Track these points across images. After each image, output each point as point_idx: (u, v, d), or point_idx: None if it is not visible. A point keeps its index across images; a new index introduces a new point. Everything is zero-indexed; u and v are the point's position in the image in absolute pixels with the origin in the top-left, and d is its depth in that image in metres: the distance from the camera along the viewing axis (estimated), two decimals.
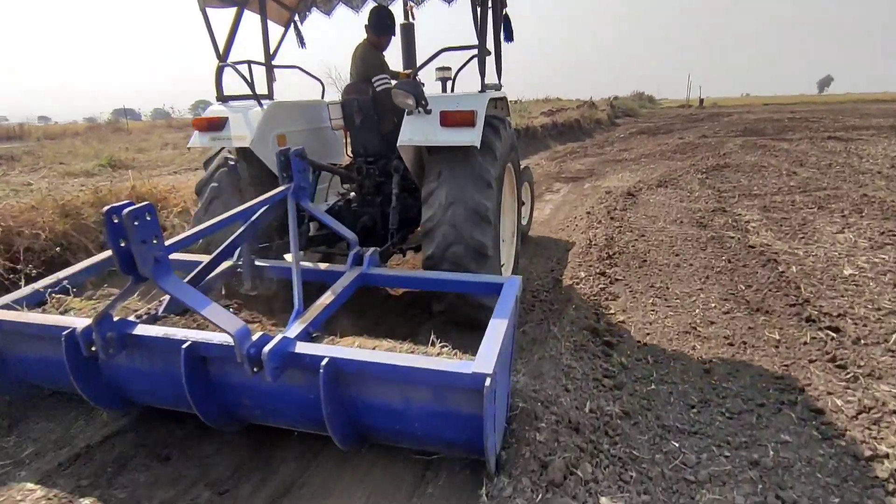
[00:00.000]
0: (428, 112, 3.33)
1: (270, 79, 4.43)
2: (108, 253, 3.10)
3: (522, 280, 2.81)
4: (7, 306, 2.71)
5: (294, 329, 2.37)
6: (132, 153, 13.73)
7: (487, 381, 1.92)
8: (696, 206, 7.97)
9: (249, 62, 4.07)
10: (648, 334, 3.89)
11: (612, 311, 4.28)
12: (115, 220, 1.93)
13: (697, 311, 4.25)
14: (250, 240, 3.06)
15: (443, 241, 3.28)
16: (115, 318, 2.37)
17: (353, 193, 4.25)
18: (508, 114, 4.57)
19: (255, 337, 2.15)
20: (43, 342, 2.53)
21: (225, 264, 3.18)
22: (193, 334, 2.30)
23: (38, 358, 2.64)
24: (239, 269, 3.17)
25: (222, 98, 3.93)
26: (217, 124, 3.70)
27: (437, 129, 3.29)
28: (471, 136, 3.21)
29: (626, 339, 3.81)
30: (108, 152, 11.85)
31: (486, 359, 2.03)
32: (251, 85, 3.78)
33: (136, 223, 1.94)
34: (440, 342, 2.40)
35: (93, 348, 2.30)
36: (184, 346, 2.24)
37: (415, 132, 3.32)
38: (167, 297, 2.70)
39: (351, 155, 4.26)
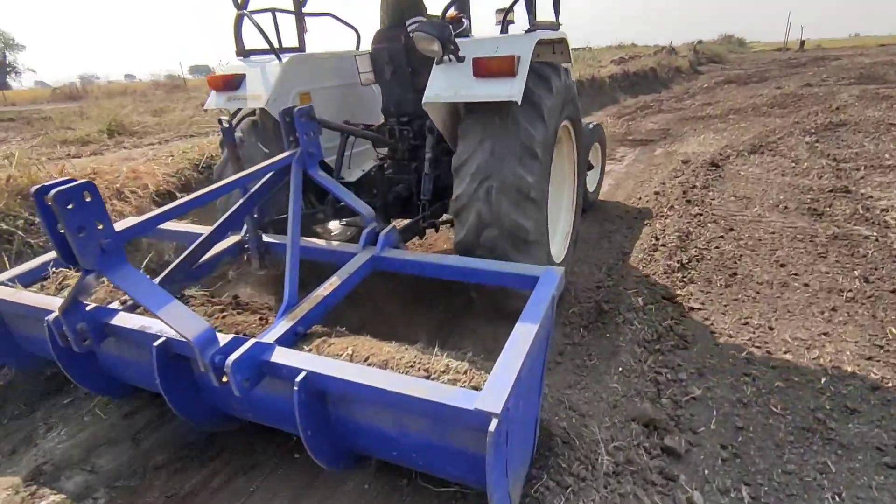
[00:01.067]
0: (460, 59, 2.75)
1: (301, 29, 3.96)
2: None
3: (564, 273, 2.25)
4: (8, 281, 2.57)
5: (277, 329, 2.00)
6: (147, 115, 12.07)
7: (493, 424, 1.44)
8: (805, 182, 5.94)
9: (274, 10, 3.63)
10: (742, 439, 2.39)
11: (680, 381, 2.80)
12: (49, 203, 1.60)
13: (824, 380, 2.70)
14: (253, 213, 2.71)
15: (475, 224, 2.75)
16: (91, 306, 2.12)
17: (386, 159, 3.78)
18: (569, 59, 3.84)
19: (224, 341, 1.79)
20: (35, 322, 2.35)
21: (231, 239, 2.87)
22: (169, 329, 1.99)
23: (37, 336, 2.48)
24: (246, 246, 2.84)
25: (242, 52, 3.53)
26: (232, 82, 3.32)
27: (469, 81, 2.71)
28: (509, 89, 2.60)
29: (703, 446, 2.36)
30: (118, 115, 10.62)
31: (496, 390, 1.55)
32: (269, 36, 3.33)
33: (69, 206, 1.60)
34: (452, 352, 1.93)
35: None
36: (155, 343, 1.95)
37: (442, 86, 2.76)
38: (157, 280, 2.42)
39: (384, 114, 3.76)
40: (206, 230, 2.64)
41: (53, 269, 2.66)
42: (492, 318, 3.11)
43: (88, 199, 1.66)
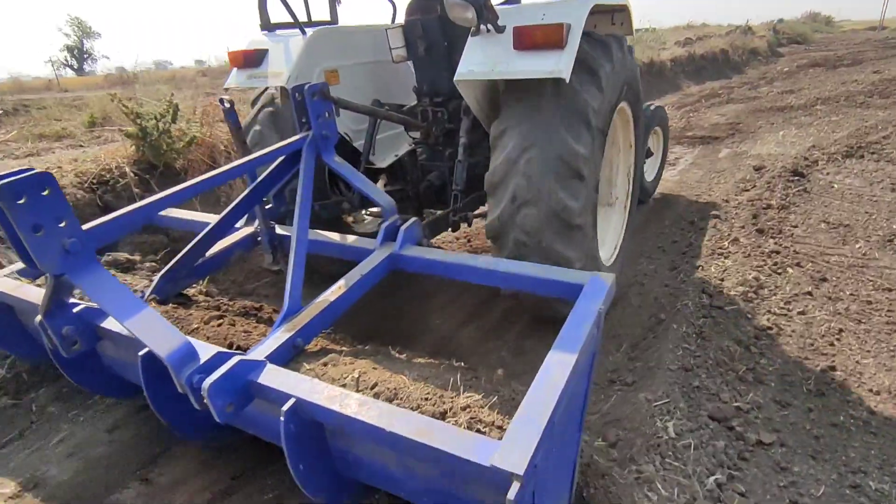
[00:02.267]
0: (499, 29, 2.36)
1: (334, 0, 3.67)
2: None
3: (614, 280, 1.85)
4: (16, 274, 2.44)
5: (271, 341, 1.73)
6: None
7: (514, 490, 1.11)
8: None
9: None
10: None
11: None
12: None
13: None
14: (262, 202, 2.45)
15: (512, 201, 2.38)
16: (80, 307, 1.92)
17: (419, 144, 3.45)
18: (631, 31, 3.36)
19: (206, 357, 1.54)
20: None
21: (244, 231, 2.64)
22: None
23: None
24: (259, 239, 2.60)
25: (267, 25, 3.26)
26: (254, 58, 3.06)
27: (509, 55, 2.32)
28: (555, 64, 2.20)
29: None
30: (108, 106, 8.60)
31: (520, 441, 1.21)
32: (294, 7, 3.05)
33: (20, 201, 1.37)
34: (476, 378, 1.61)
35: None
36: (140, 352, 1.72)
37: (477, 60, 2.39)
38: (156, 278, 2.22)
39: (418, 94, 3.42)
40: (214, 219, 2.41)
41: None
42: (537, 327, 2.75)
43: (45, 193, 1.42)
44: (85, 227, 1.56)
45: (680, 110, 10.21)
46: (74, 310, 1.88)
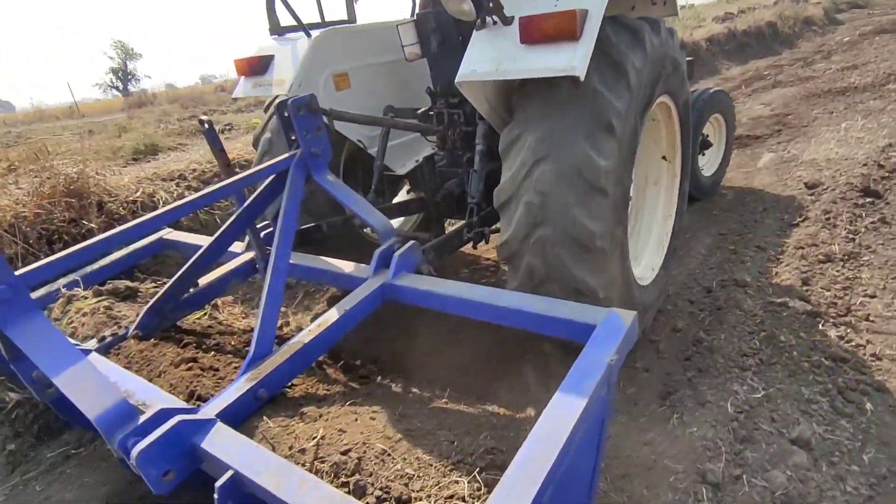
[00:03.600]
0: (506, 21, 2.06)
1: None
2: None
3: (637, 320, 1.50)
4: None
5: (229, 393, 1.53)
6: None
7: None
8: None
9: None
10: None
11: None
12: None
13: None
14: (255, 225, 2.28)
15: (523, 221, 2.07)
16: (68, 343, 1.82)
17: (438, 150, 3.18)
18: (675, 11, 2.93)
19: (146, 416, 1.36)
20: None
21: (244, 257, 2.49)
22: (119, 381, 1.62)
23: None
24: (257, 265, 2.44)
25: (277, 28, 3.11)
26: (259, 66, 2.93)
27: (515, 50, 2.01)
28: (568, 60, 1.86)
29: None
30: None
31: None
32: (304, 7, 2.89)
33: None
34: (474, 444, 1.34)
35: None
36: None
37: (480, 58, 2.10)
38: (141, 312, 2.10)
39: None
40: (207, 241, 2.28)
41: (65, 288, 2.46)
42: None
43: None
44: (18, 272, 1.43)
45: None
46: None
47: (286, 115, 2.10)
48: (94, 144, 7.69)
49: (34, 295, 2.36)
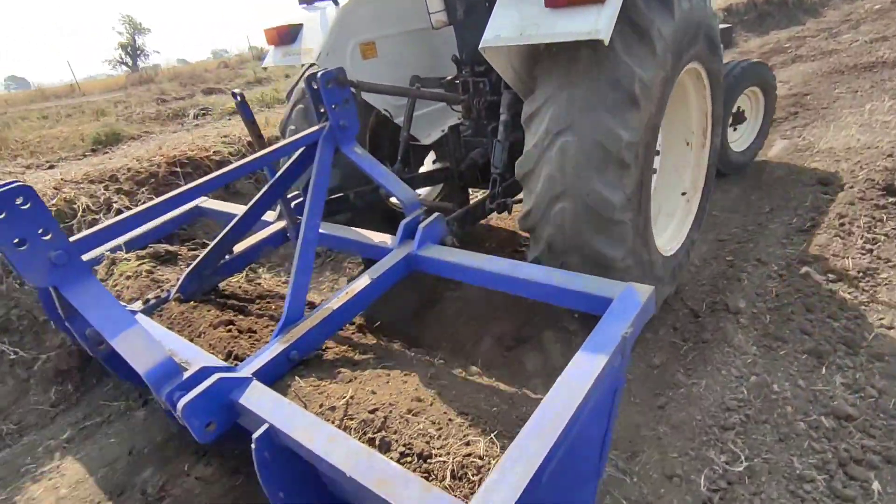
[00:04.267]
0: None
1: None
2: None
3: (654, 293, 1.53)
4: None
5: (264, 355, 1.64)
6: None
7: None
8: None
9: None
10: None
11: None
12: None
13: None
14: (286, 196, 2.37)
15: (544, 193, 2.10)
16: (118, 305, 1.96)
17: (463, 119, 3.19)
18: None
19: (188, 373, 1.48)
20: None
21: (276, 226, 2.58)
22: (163, 340, 1.76)
23: None
24: (288, 234, 2.54)
25: None
26: (288, 35, 2.95)
27: (539, 15, 1.99)
28: (593, 23, 1.84)
29: None
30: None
31: None
32: None
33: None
34: (477, 427, 1.42)
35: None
36: None
37: (505, 23, 2.08)
38: (181, 276, 2.22)
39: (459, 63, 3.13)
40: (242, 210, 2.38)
41: (109, 252, 2.61)
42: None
43: (27, 206, 1.40)
44: (72, 238, 1.54)
45: None
46: None
47: (315, 87, 2.14)
48: (64, 131, 7.40)
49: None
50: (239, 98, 2.13)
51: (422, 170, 3.65)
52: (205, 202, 2.98)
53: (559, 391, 1.26)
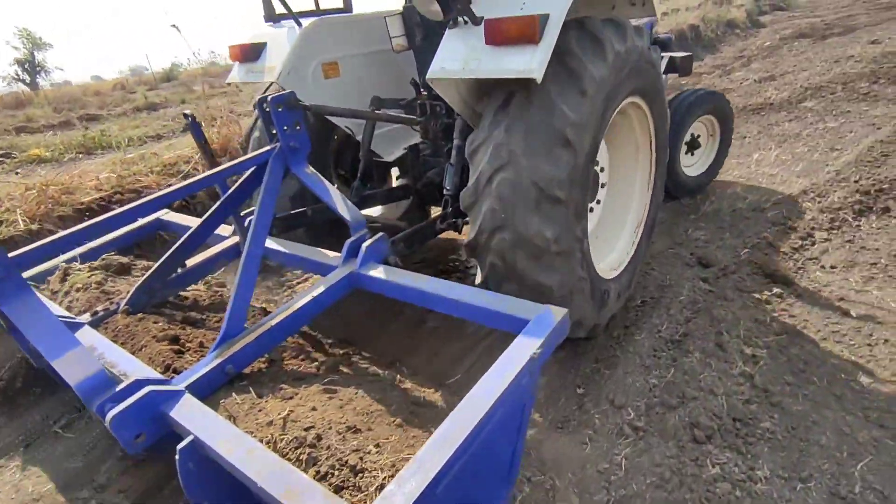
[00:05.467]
0: (476, 21, 2.15)
1: None
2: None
3: (567, 315, 1.64)
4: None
5: (200, 368, 1.71)
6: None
7: None
8: None
9: None
10: None
11: None
12: None
13: None
14: (238, 212, 2.44)
15: (485, 224, 2.21)
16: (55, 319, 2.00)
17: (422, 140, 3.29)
18: (653, 12, 2.96)
19: (121, 385, 1.54)
20: None
21: (231, 241, 2.65)
22: (105, 352, 1.81)
23: None
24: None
25: (271, 16, 3.22)
26: (251, 52, 3.04)
27: (480, 51, 2.11)
28: (527, 62, 1.96)
29: None
30: None
31: None
32: None
33: None
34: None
35: None
36: None
37: (449, 57, 2.20)
38: (133, 286, 2.28)
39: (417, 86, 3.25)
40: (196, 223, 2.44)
41: (64, 263, 2.64)
42: None
43: None
44: (11, 254, 1.60)
45: None
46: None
47: (266, 109, 2.23)
48: None
49: (34, 271, 2.55)
50: (190, 119, 2.20)
51: (388, 186, 3.75)
52: (166, 215, 3.04)
53: (464, 408, 1.35)
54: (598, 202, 3.01)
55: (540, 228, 2.10)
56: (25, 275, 2.51)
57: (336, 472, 1.42)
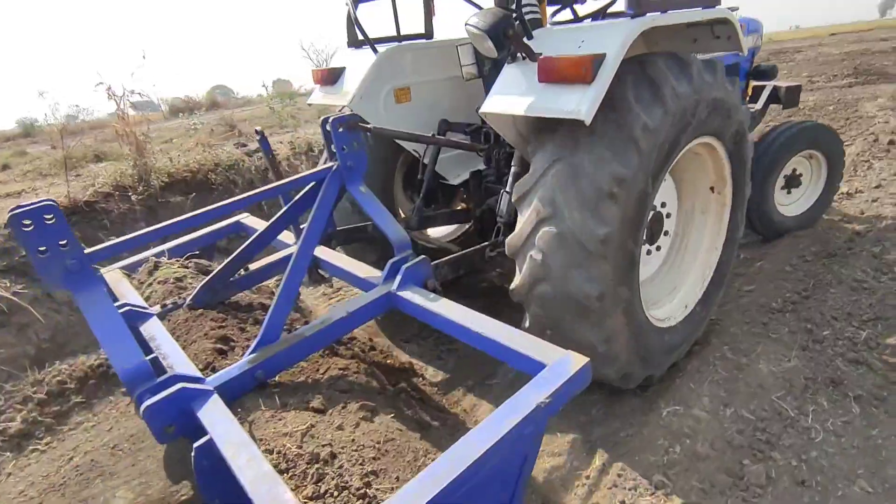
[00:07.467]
0: (533, 57, 2.13)
1: (429, 12, 3.66)
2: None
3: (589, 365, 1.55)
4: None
5: (231, 370, 1.83)
6: None
7: None
8: None
9: None
10: None
11: None
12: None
13: None
14: (298, 223, 2.59)
15: (528, 275, 2.17)
16: (124, 309, 2.24)
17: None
18: (739, 47, 2.74)
19: (160, 378, 1.69)
20: None
21: (288, 250, 2.81)
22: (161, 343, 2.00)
23: None
24: None
25: (354, 42, 3.40)
26: (330, 77, 3.24)
27: (532, 88, 2.08)
28: (576, 104, 1.90)
29: None
30: None
31: None
32: (360, 25, 3.11)
33: (27, 227, 1.65)
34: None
35: None
36: None
37: (505, 91, 2.19)
38: (200, 284, 2.49)
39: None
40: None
41: (155, 257, 2.95)
42: None
43: (51, 221, 1.69)
44: (87, 250, 1.82)
45: None
46: (120, 310, 2.21)
47: (328, 130, 2.36)
48: None
49: (130, 261, 2.88)
50: (260, 136, 2.38)
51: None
52: (246, 218, 3.29)
53: (456, 450, 1.32)
54: (659, 248, 2.82)
55: (583, 286, 2.03)
56: (121, 264, 2.88)
57: (336, 494, 1.45)
